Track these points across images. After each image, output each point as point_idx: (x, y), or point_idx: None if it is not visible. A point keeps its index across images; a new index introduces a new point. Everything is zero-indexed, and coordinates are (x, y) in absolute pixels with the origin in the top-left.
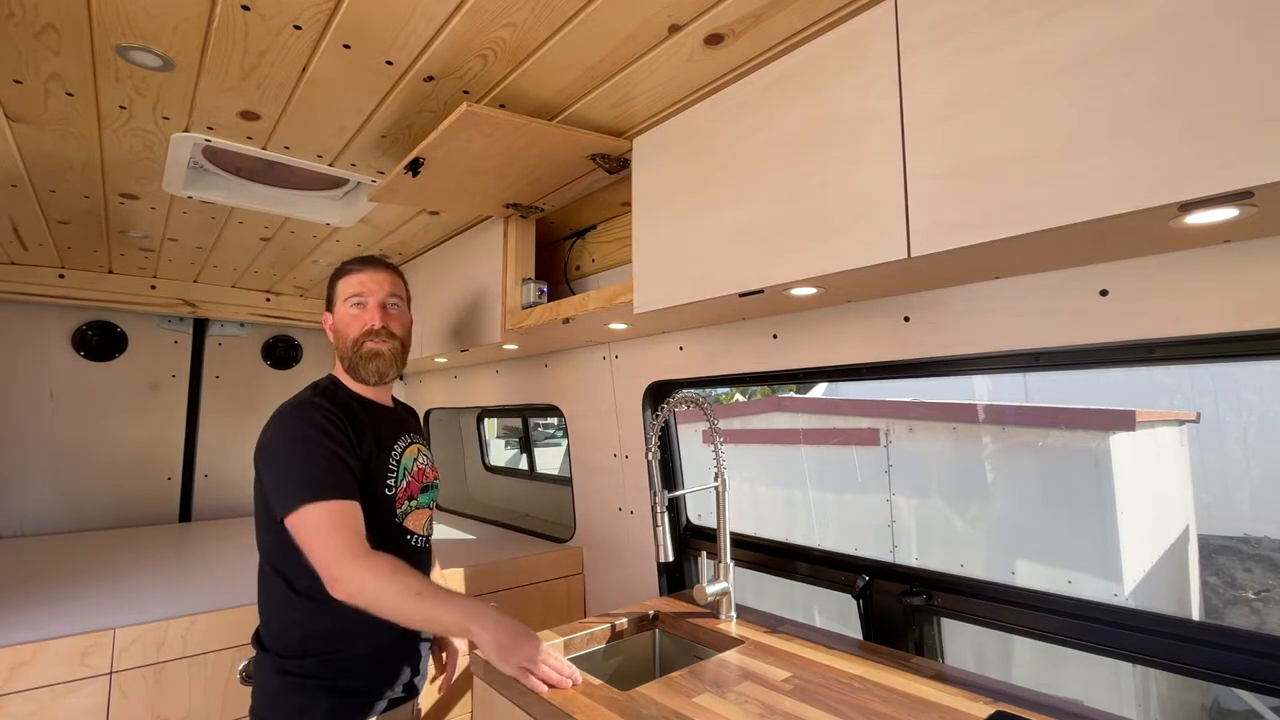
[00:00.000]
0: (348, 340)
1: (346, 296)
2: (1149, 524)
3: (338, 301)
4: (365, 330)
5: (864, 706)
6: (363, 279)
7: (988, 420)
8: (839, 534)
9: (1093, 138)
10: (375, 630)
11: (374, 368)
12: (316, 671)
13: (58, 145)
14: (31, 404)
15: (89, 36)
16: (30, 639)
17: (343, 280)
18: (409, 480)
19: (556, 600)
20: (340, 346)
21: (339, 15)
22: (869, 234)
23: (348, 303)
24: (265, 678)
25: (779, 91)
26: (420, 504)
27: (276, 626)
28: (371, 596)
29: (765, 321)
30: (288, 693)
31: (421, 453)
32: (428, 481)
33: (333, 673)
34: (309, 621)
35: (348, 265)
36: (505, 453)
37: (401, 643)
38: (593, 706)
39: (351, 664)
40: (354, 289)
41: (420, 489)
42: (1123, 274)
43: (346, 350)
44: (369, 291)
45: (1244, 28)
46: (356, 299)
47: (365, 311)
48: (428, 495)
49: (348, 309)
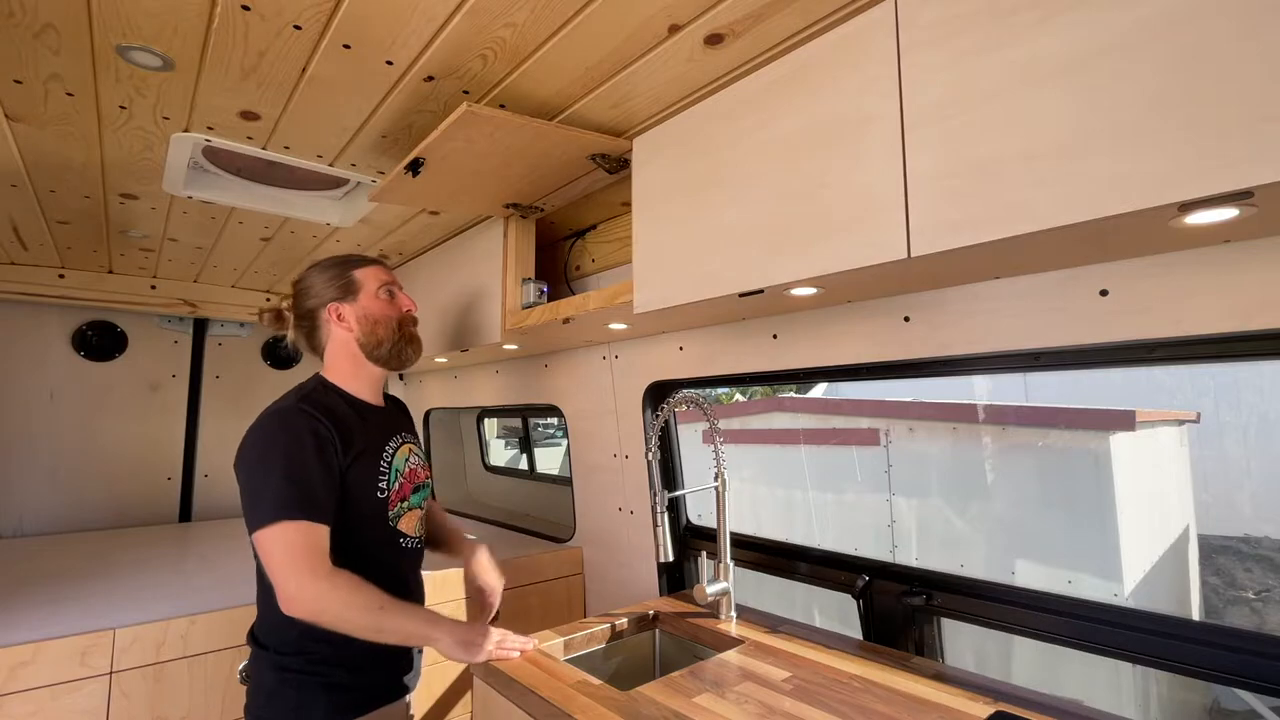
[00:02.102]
0: (390, 324)
1: (377, 286)
2: (1149, 524)
3: (364, 291)
4: (407, 314)
5: (864, 706)
6: (384, 271)
7: (988, 420)
8: (839, 534)
9: (1093, 138)
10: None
11: (414, 350)
12: (313, 668)
13: (58, 145)
14: (31, 404)
15: (89, 36)
16: (30, 639)
17: (363, 270)
18: (401, 482)
19: (556, 600)
20: (376, 331)
21: (339, 15)
22: (869, 234)
23: (380, 291)
24: (261, 675)
25: (779, 91)
26: (412, 505)
27: (272, 623)
28: (333, 616)
29: (765, 321)
30: (284, 689)
31: (413, 452)
32: (419, 481)
33: (329, 669)
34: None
35: (349, 259)
36: (505, 453)
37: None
38: (593, 706)
39: (348, 661)
40: (383, 278)
41: (412, 489)
42: (1123, 274)
43: (390, 333)
44: (394, 281)
45: (1244, 28)
46: (387, 287)
47: (399, 299)
48: (419, 495)
49: (381, 296)
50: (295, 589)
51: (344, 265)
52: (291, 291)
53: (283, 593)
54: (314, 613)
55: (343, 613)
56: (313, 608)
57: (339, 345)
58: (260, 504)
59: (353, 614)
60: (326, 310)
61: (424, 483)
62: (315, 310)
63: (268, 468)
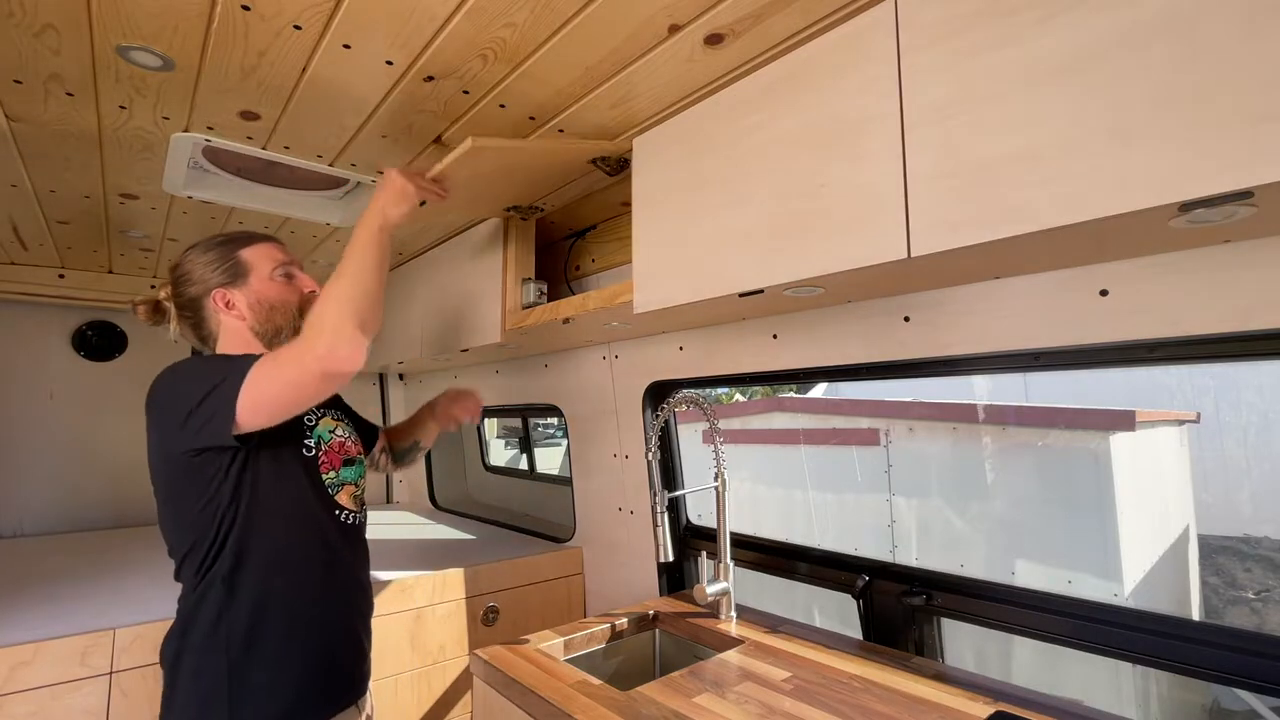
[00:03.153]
0: (289, 310)
1: (272, 268)
2: (1149, 524)
3: (255, 272)
4: (308, 296)
5: (864, 706)
6: (278, 248)
7: (988, 420)
8: (839, 534)
9: (1093, 138)
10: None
11: None
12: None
13: (58, 145)
14: (31, 404)
15: (89, 36)
16: (30, 639)
17: (252, 250)
18: (327, 449)
19: (556, 600)
20: (273, 318)
21: (339, 15)
22: (869, 234)
23: (275, 272)
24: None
25: (779, 91)
26: (344, 479)
27: (187, 627)
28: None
29: (765, 321)
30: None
31: (341, 425)
32: (350, 455)
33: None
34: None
35: (235, 238)
36: (505, 453)
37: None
38: (593, 706)
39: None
40: (278, 258)
41: (343, 462)
42: (1123, 274)
43: (289, 318)
44: (292, 260)
45: (1244, 28)
46: (284, 268)
47: (299, 279)
48: (351, 470)
49: (276, 278)
50: (309, 350)
51: (229, 245)
52: (169, 279)
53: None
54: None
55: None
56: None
57: (231, 335)
58: (219, 385)
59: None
60: (211, 298)
61: (356, 458)
62: (199, 298)
63: (200, 372)
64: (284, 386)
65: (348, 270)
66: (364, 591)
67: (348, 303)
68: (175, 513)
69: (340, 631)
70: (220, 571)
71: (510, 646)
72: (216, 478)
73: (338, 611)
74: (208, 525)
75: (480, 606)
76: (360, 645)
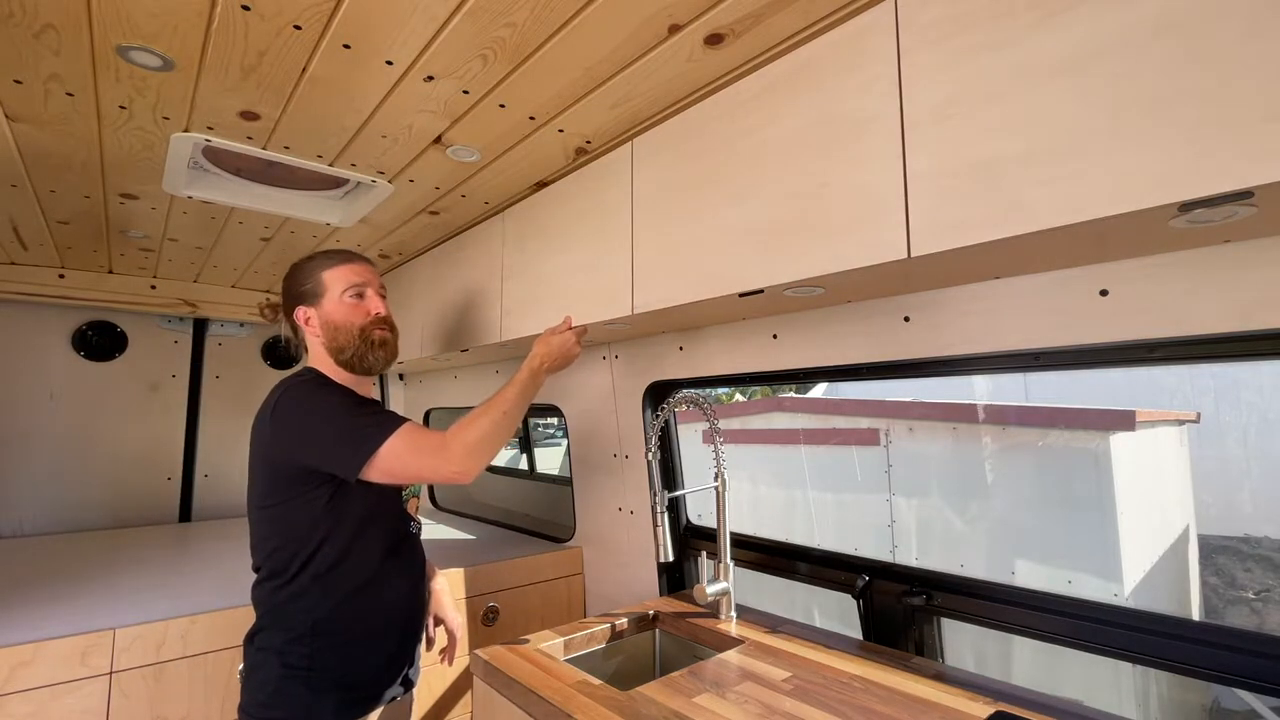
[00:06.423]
0: (353, 330)
1: (345, 288)
2: (1149, 524)
3: (328, 294)
4: (373, 319)
5: (864, 706)
6: (356, 270)
7: (988, 420)
8: (839, 534)
9: (1093, 138)
10: (374, 622)
11: (383, 355)
12: (322, 667)
13: (58, 145)
14: (31, 404)
15: (89, 36)
16: (30, 639)
17: (331, 272)
18: None
19: (556, 600)
20: (337, 338)
21: (339, 15)
22: (869, 234)
23: (346, 294)
24: (264, 673)
25: (779, 91)
26: (413, 492)
27: (280, 624)
28: (474, 444)
29: (765, 321)
30: (292, 687)
31: None
32: None
33: (336, 667)
34: (313, 610)
35: (328, 257)
36: (505, 452)
37: (401, 635)
38: (593, 706)
39: (354, 658)
40: (351, 279)
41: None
42: (1123, 274)
43: (351, 340)
44: (365, 281)
45: (1244, 28)
46: (355, 289)
47: (367, 301)
48: (415, 484)
49: (346, 300)
50: (445, 464)
51: (318, 263)
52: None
53: (443, 473)
54: (470, 465)
55: (480, 445)
56: (467, 463)
57: (314, 348)
58: (356, 439)
59: (487, 436)
60: (295, 314)
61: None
62: (290, 310)
63: (332, 407)
64: (415, 472)
65: (504, 409)
66: (422, 589)
67: (493, 436)
68: (272, 515)
69: (408, 624)
70: (315, 570)
71: (510, 646)
72: (323, 487)
73: (407, 604)
74: (307, 528)
75: (480, 606)
76: (419, 635)
